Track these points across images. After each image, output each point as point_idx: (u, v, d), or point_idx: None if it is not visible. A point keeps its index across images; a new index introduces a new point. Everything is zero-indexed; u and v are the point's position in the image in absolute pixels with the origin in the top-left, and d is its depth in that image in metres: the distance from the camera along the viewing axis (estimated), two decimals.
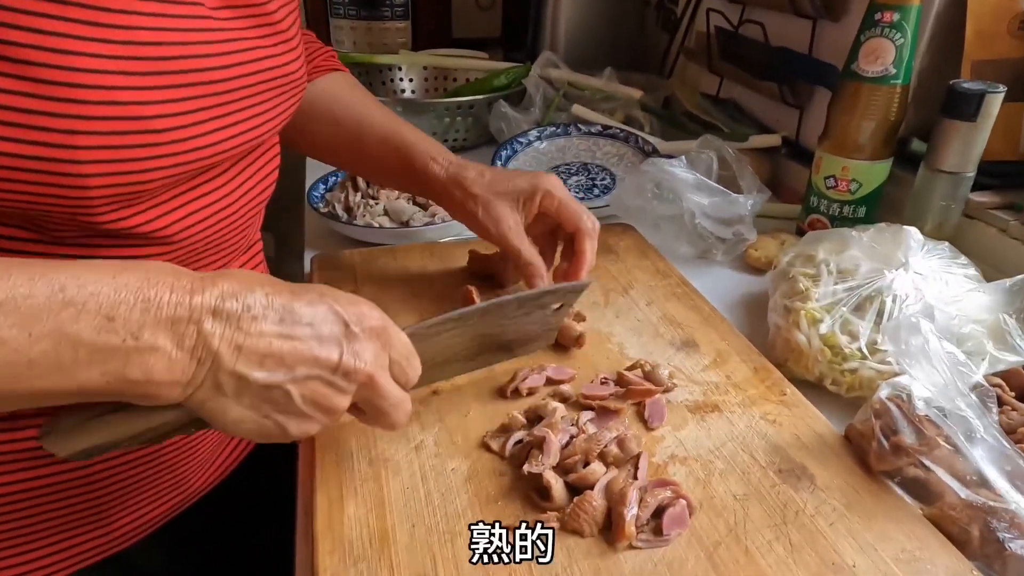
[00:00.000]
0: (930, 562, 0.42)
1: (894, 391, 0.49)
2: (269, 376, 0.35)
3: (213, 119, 0.41)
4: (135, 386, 0.32)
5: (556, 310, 0.57)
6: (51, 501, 0.47)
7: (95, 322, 0.31)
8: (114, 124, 0.36)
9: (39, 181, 0.35)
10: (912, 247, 0.60)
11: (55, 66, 0.33)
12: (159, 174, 0.39)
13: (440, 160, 0.62)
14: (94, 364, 0.31)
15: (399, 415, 0.42)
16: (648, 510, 0.43)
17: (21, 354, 0.30)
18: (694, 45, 1.20)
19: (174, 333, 0.32)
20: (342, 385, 0.37)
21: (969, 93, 0.65)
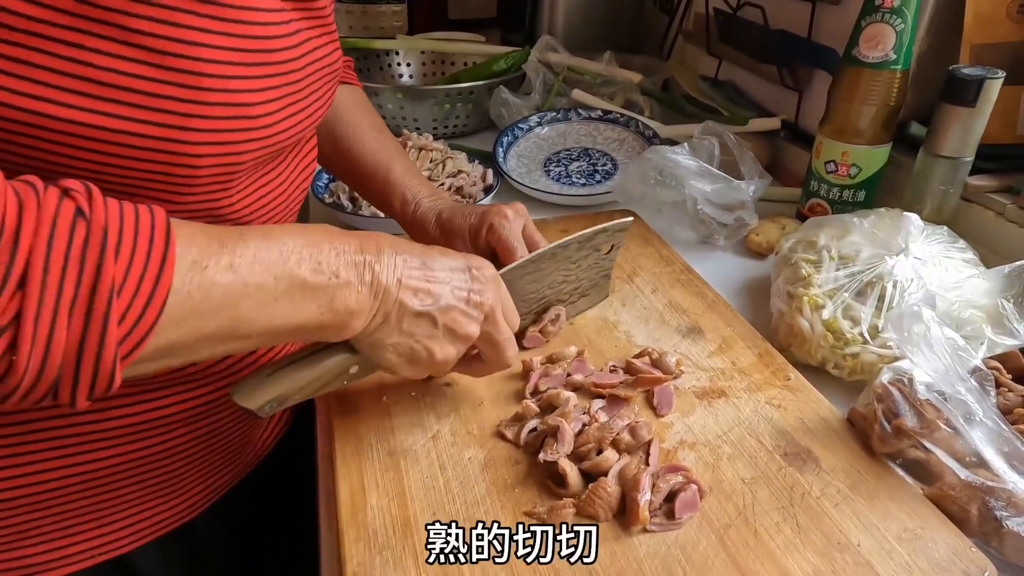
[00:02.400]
0: (931, 540, 0.44)
1: (896, 375, 0.50)
2: (421, 304, 0.43)
3: (290, 105, 0.46)
4: (338, 316, 0.40)
5: (607, 253, 0.62)
6: (132, 474, 0.50)
7: (311, 265, 0.38)
8: (224, 110, 0.40)
9: (155, 159, 0.39)
10: (912, 233, 0.61)
11: (186, 56, 0.37)
12: (251, 155, 0.43)
13: (410, 203, 0.66)
14: (313, 299, 0.39)
15: (511, 350, 0.49)
16: (661, 495, 0.45)
17: (271, 294, 0.37)
18: (693, 27, 1.20)
19: (358, 272, 0.41)
20: (473, 314, 0.46)
21: (968, 79, 0.66)
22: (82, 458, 0.47)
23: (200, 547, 0.58)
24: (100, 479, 0.49)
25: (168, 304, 0.33)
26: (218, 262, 0.35)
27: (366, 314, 0.41)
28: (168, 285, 0.32)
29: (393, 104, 1.09)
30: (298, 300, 0.38)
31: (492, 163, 0.96)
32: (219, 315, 0.35)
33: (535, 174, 0.98)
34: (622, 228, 0.61)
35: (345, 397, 0.55)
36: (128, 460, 0.49)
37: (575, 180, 0.96)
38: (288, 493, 0.69)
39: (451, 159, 0.92)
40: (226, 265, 0.35)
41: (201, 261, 0.34)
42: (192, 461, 0.54)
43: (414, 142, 0.93)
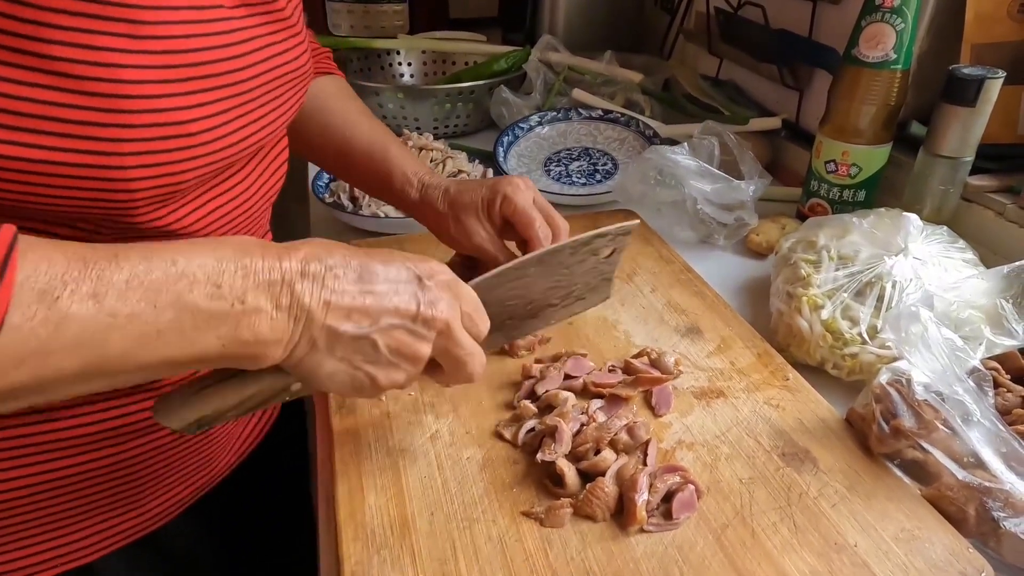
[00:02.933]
0: (928, 540, 0.44)
1: (894, 376, 0.50)
2: (356, 328, 0.38)
3: (237, 117, 0.43)
4: (246, 347, 0.35)
5: (608, 257, 0.58)
6: (91, 484, 0.49)
7: (207, 290, 0.33)
8: (156, 130, 0.38)
9: (87, 187, 0.37)
10: (912, 233, 0.61)
11: (103, 79, 0.35)
12: (193, 173, 0.41)
13: (414, 182, 0.63)
14: (210, 329, 0.34)
15: (475, 365, 0.44)
16: (658, 495, 0.45)
17: (151, 326, 0.32)
18: (694, 26, 1.20)
19: (271, 295, 0.35)
20: (422, 332, 0.40)
21: (969, 79, 0.66)
22: (36, 468, 0.46)
23: (174, 554, 0.57)
24: (56, 489, 0.47)
25: (1, 343, 0.28)
26: (76, 290, 0.30)
27: (285, 342, 0.36)
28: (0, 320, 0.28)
29: (394, 104, 1.09)
30: (190, 331, 0.33)
31: (493, 163, 0.96)
32: (79, 352, 0.30)
33: (535, 174, 0.98)
34: (624, 232, 0.56)
35: (342, 397, 0.55)
36: (85, 470, 0.48)
37: (575, 180, 0.96)
38: (275, 493, 0.68)
39: (451, 159, 0.92)
40: (87, 293, 0.30)
41: (52, 290, 0.29)
42: (157, 468, 0.53)
43: (414, 142, 0.93)
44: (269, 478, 0.67)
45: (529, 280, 0.53)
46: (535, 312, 0.57)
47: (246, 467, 0.63)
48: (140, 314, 0.31)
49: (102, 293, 0.30)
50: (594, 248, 0.56)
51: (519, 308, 0.55)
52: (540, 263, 0.52)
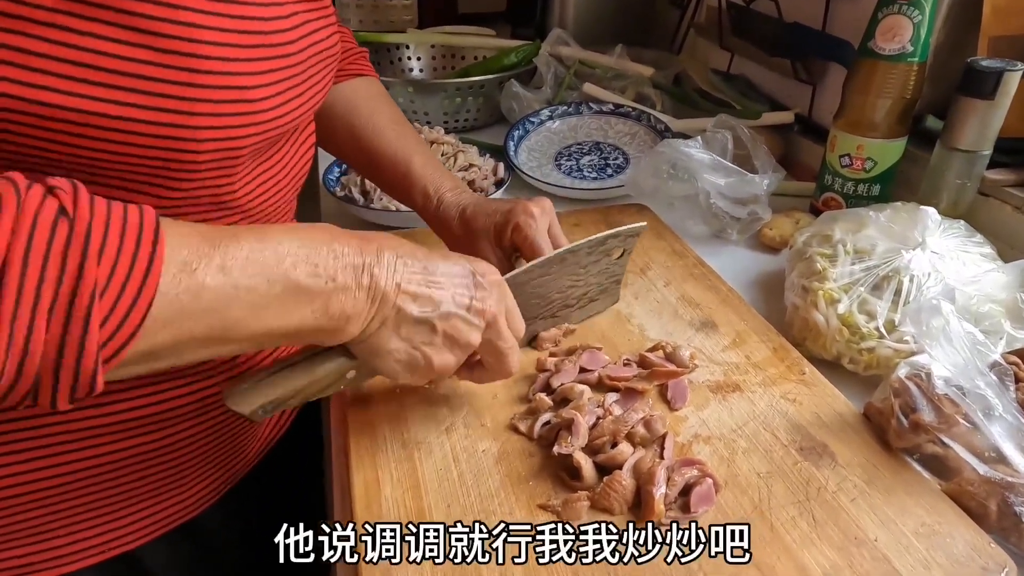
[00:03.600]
0: (949, 535, 0.43)
1: (913, 370, 0.50)
2: (420, 311, 0.42)
3: (290, 89, 0.45)
4: (332, 320, 0.39)
5: (618, 258, 0.61)
6: (138, 470, 0.50)
7: (307, 268, 0.37)
8: (224, 93, 0.39)
9: (158, 145, 0.38)
10: (929, 226, 0.60)
11: (182, 38, 0.37)
12: (251, 140, 0.43)
13: (433, 199, 0.64)
14: (308, 303, 0.38)
15: (514, 359, 0.48)
16: (676, 488, 0.45)
17: (264, 298, 0.36)
18: (704, 21, 1.19)
19: (355, 276, 0.39)
20: (474, 322, 0.44)
21: (987, 71, 0.65)
22: (87, 452, 0.47)
23: (208, 541, 0.58)
24: (105, 474, 0.48)
25: (154, 307, 0.32)
26: (208, 264, 0.34)
27: (363, 319, 0.40)
28: (154, 288, 0.32)
29: (404, 98, 1.09)
30: (292, 304, 0.37)
31: (503, 157, 0.96)
32: (208, 318, 0.34)
33: (546, 168, 0.98)
34: (634, 233, 0.60)
35: (358, 390, 0.55)
36: (134, 454, 0.49)
37: (586, 174, 0.96)
38: (297, 485, 0.69)
39: (462, 152, 0.92)
40: (217, 267, 0.34)
41: (191, 263, 0.33)
42: (200, 454, 0.54)
43: (425, 135, 0.93)
44: (289, 470, 0.68)
45: (551, 279, 0.56)
46: (553, 312, 0.60)
47: (269, 458, 0.63)
48: (256, 287, 0.35)
49: (229, 267, 0.34)
50: (607, 248, 0.59)
51: (539, 308, 0.58)
52: (562, 261, 0.56)
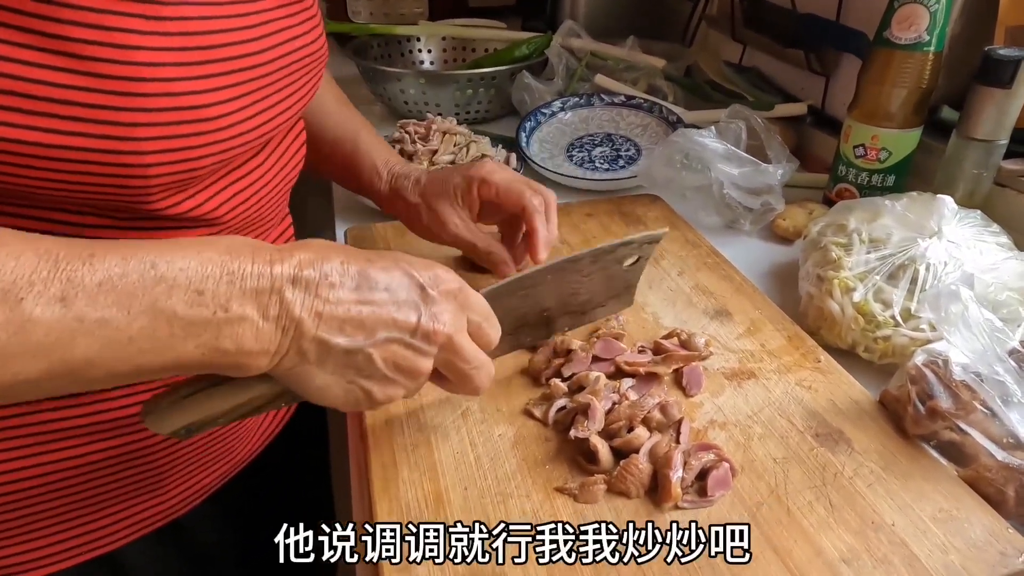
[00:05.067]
0: (966, 520, 0.43)
1: (930, 357, 0.50)
2: (350, 341, 0.36)
3: (255, 102, 0.42)
4: (227, 356, 0.33)
5: (632, 265, 0.56)
6: (117, 471, 0.49)
7: (186, 296, 0.32)
8: (172, 115, 0.36)
9: (103, 172, 0.36)
10: (946, 215, 0.60)
11: (118, 61, 0.34)
12: (211, 159, 0.40)
13: (383, 173, 0.61)
14: (189, 337, 0.32)
15: (481, 378, 0.42)
16: (692, 472, 0.45)
17: (122, 332, 0.30)
18: (716, 12, 1.19)
19: (259, 303, 0.33)
20: (422, 347, 0.38)
21: (1005, 60, 0.65)
22: (63, 454, 0.45)
23: (196, 542, 0.57)
24: (81, 476, 0.47)
25: None
26: (43, 292, 0.28)
27: (272, 352, 0.34)
28: None
29: (415, 89, 1.09)
30: (165, 338, 0.31)
31: (515, 148, 0.96)
32: (42, 357, 0.29)
33: (558, 159, 0.98)
34: (651, 240, 0.55)
35: None
36: (112, 456, 0.48)
37: (598, 165, 0.96)
38: (295, 484, 0.68)
39: (475, 143, 0.92)
40: (55, 296, 0.29)
41: (16, 291, 0.28)
42: (181, 456, 0.52)
43: (438, 125, 0.93)
44: (288, 468, 0.67)
45: (545, 288, 0.52)
46: (551, 319, 0.56)
47: (266, 456, 0.62)
48: (110, 320, 0.30)
49: (71, 296, 0.29)
50: (618, 256, 0.54)
51: (532, 316, 0.54)
52: (558, 271, 0.51)
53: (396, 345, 0.37)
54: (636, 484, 0.45)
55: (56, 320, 0.29)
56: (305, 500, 0.72)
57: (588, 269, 0.53)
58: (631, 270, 0.57)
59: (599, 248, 0.52)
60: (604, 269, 0.54)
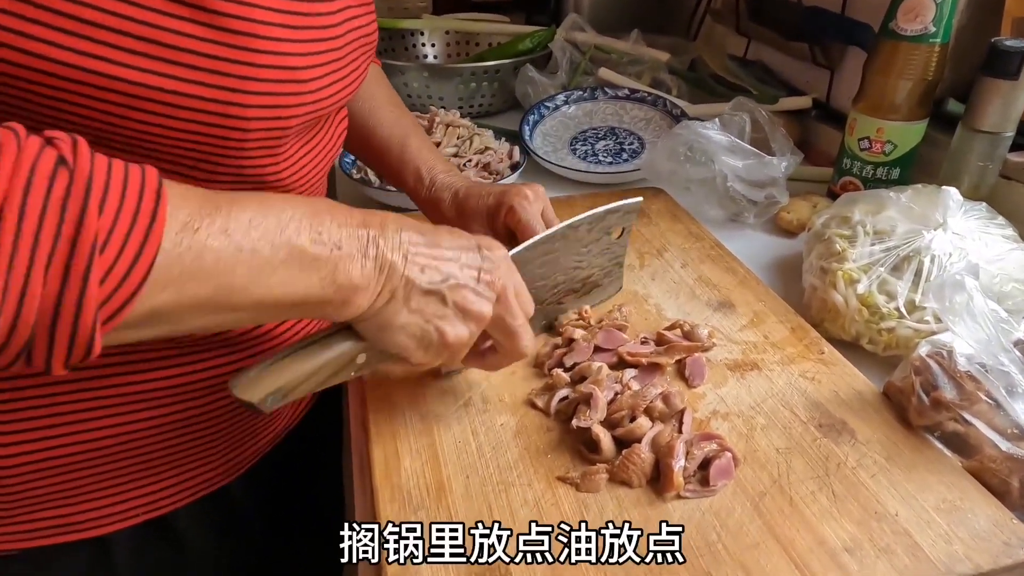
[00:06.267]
0: (970, 511, 0.43)
1: (934, 348, 0.49)
2: (429, 282, 0.41)
3: (335, 71, 0.46)
4: (340, 291, 0.38)
5: (618, 238, 0.61)
6: (169, 438, 0.51)
7: (311, 235, 0.36)
8: (275, 72, 0.40)
9: (210, 122, 0.39)
10: (951, 207, 0.60)
11: (240, 17, 0.37)
12: (298, 120, 0.43)
13: (425, 180, 0.64)
14: (314, 270, 0.37)
15: (527, 338, 0.47)
16: (695, 462, 0.45)
17: (269, 263, 0.35)
18: (721, 6, 1.19)
19: (361, 245, 0.39)
20: (485, 293, 0.43)
21: (1012, 51, 0.64)
22: (124, 419, 0.48)
23: (235, 511, 0.59)
24: (135, 442, 0.49)
25: (156, 265, 0.31)
26: (211, 224, 0.33)
27: (371, 290, 0.39)
28: (157, 244, 0.30)
29: (419, 82, 1.09)
30: (297, 270, 0.36)
31: (518, 141, 0.95)
32: (211, 281, 0.33)
33: (561, 152, 0.97)
34: (632, 209, 0.59)
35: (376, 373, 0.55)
36: (170, 423, 0.50)
37: (601, 159, 0.96)
38: (318, 461, 0.70)
39: (478, 135, 0.92)
40: (220, 229, 0.33)
41: (193, 223, 0.32)
42: (229, 425, 0.55)
43: (441, 118, 0.93)
44: (311, 448, 0.68)
45: (554, 257, 0.56)
46: (559, 298, 0.60)
47: (297, 433, 0.64)
48: (260, 250, 0.34)
49: (232, 229, 0.34)
50: (607, 225, 0.59)
51: (544, 292, 0.57)
52: (564, 237, 0.55)
53: (464, 290, 0.43)
54: (638, 473, 0.45)
55: (223, 248, 0.33)
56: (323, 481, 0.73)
57: (586, 238, 0.58)
58: (618, 244, 0.61)
59: (592, 214, 0.56)
60: (597, 240, 0.59)
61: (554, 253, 0.55)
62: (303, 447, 0.67)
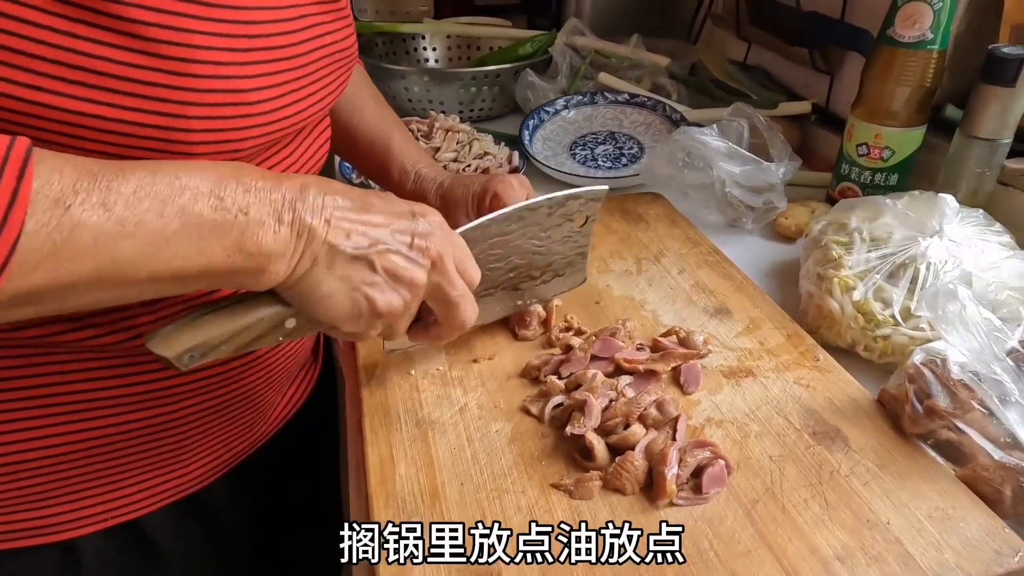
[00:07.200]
0: (962, 520, 0.43)
1: (928, 356, 0.50)
2: (355, 247, 0.40)
3: (293, 91, 0.44)
4: (250, 259, 0.36)
5: (581, 227, 0.60)
6: (142, 441, 0.51)
7: (210, 202, 0.35)
8: (220, 96, 0.39)
9: (153, 148, 0.38)
10: (947, 214, 0.60)
11: (176, 43, 0.37)
12: (251, 143, 0.42)
13: (410, 173, 0.65)
14: (216, 238, 0.35)
15: (467, 309, 0.46)
16: (688, 469, 0.45)
17: (159, 234, 0.33)
18: (722, 11, 1.19)
19: (274, 210, 0.37)
20: (417, 259, 0.42)
21: (1009, 58, 0.64)
22: (87, 424, 0.47)
23: (214, 515, 0.59)
24: (108, 445, 0.49)
25: (19, 248, 0.29)
26: (87, 199, 0.31)
27: (288, 257, 0.37)
28: (18, 226, 0.29)
29: (419, 87, 1.09)
30: (195, 240, 0.34)
31: (518, 146, 0.96)
32: (91, 259, 0.32)
33: (561, 157, 0.98)
34: (595, 197, 0.58)
35: (373, 369, 0.56)
36: (140, 427, 0.50)
37: (601, 164, 0.96)
38: (306, 463, 0.70)
39: (477, 140, 0.92)
40: (97, 202, 0.31)
41: (65, 199, 0.31)
42: (205, 430, 0.54)
43: (441, 123, 0.93)
44: (302, 451, 0.68)
45: (511, 238, 0.55)
46: (516, 283, 0.59)
47: (281, 438, 0.64)
48: (148, 223, 0.33)
49: (111, 202, 0.32)
50: (568, 211, 0.58)
51: (501, 274, 0.57)
52: (520, 219, 0.54)
53: (395, 255, 0.41)
54: (631, 480, 0.45)
55: (101, 223, 0.32)
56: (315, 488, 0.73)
57: (546, 222, 0.57)
58: (581, 233, 0.60)
59: (552, 197, 0.55)
60: (559, 226, 0.58)
61: (511, 234, 0.54)
62: (292, 448, 0.67)
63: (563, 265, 0.62)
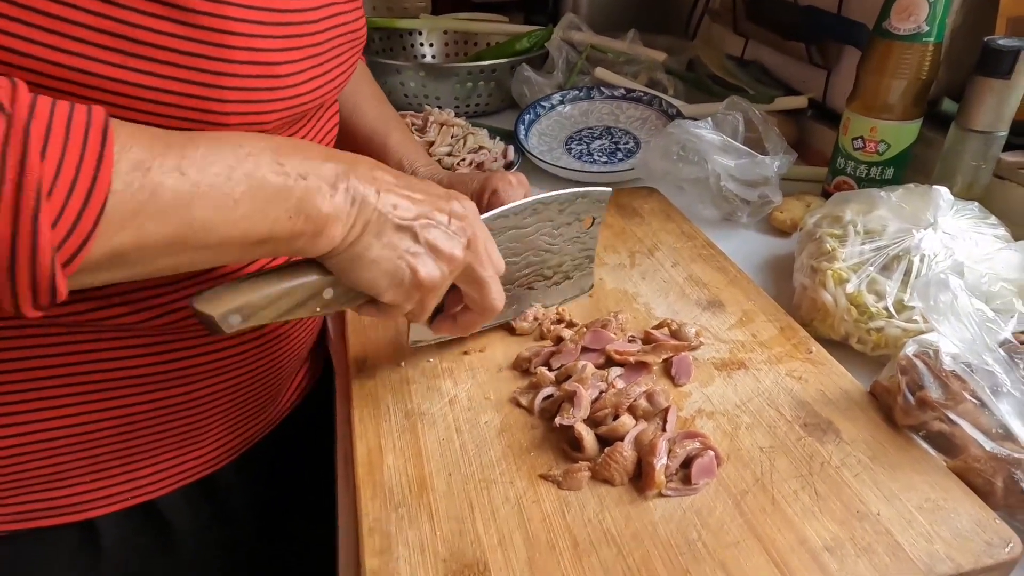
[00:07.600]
0: (953, 511, 0.43)
1: (921, 347, 0.49)
2: (401, 217, 0.42)
3: (315, 66, 0.46)
4: (310, 222, 0.38)
5: (589, 227, 0.61)
6: (160, 422, 0.51)
7: (272, 167, 0.36)
8: (252, 68, 0.40)
9: (187, 117, 0.39)
10: (941, 207, 0.59)
11: (212, 14, 0.38)
12: (277, 115, 0.43)
13: (407, 169, 0.66)
14: (279, 201, 0.37)
15: (496, 291, 0.48)
16: (677, 460, 0.45)
17: (228, 196, 0.35)
18: (719, 6, 1.18)
19: (329, 178, 0.39)
20: (456, 234, 0.44)
21: (1005, 50, 0.64)
22: (111, 403, 0.48)
23: (224, 498, 0.59)
24: (128, 425, 0.50)
25: (108, 207, 0.31)
26: (163, 163, 0.33)
27: (343, 221, 0.39)
28: (106, 187, 0.31)
29: (415, 82, 1.09)
30: (261, 203, 0.36)
31: (514, 141, 0.95)
32: (171, 219, 0.33)
33: (556, 152, 0.97)
34: (601, 198, 0.60)
35: (363, 361, 0.56)
36: (160, 406, 0.50)
37: (597, 158, 0.95)
38: (310, 451, 0.70)
39: (472, 135, 0.92)
40: (172, 167, 0.33)
41: (144, 162, 0.32)
42: (221, 411, 0.55)
43: (435, 117, 0.93)
44: (306, 439, 0.69)
45: (526, 232, 0.56)
46: (531, 282, 0.60)
47: (287, 425, 0.65)
48: (218, 185, 0.34)
49: (185, 167, 0.33)
50: (577, 210, 0.59)
51: (517, 270, 0.58)
52: (535, 212, 0.56)
53: (436, 229, 0.43)
54: (620, 471, 0.45)
55: (178, 185, 0.33)
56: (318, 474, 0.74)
57: (558, 219, 0.58)
58: (589, 235, 0.62)
59: (561, 194, 0.57)
60: (569, 225, 0.59)
61: (525, 228, 0.56)
62: (297, 435, 0.67)
63: (572, 267, 0.62)
